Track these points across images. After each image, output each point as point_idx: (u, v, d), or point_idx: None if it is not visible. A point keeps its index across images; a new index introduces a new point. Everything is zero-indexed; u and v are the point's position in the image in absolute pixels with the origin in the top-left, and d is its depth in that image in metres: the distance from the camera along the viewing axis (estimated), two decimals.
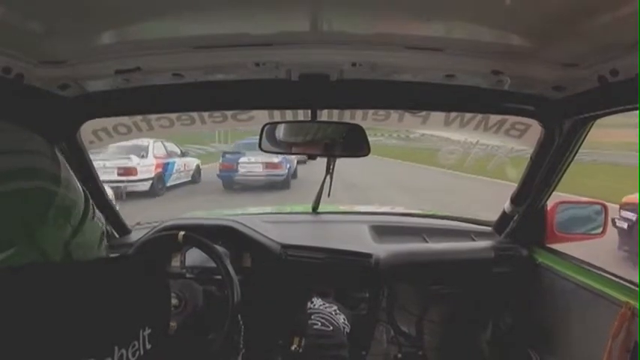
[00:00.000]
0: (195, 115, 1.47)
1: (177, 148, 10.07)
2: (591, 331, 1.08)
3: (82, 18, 0.71)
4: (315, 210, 1.74)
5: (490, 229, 1.52)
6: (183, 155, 10.20)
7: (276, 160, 9.09)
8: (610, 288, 1.04)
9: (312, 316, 1.01)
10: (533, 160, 1.26)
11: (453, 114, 1.41)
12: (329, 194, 1.65)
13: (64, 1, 0.66)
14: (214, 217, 1.51)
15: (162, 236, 1.18)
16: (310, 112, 1.09)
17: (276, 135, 1.11)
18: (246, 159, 9.03)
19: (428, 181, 10.87)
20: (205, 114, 1.49)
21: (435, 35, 0.83)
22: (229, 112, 1.51)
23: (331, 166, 1.60)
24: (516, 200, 1.36)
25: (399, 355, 1.50)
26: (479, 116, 1.40)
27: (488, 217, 1.60)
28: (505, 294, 1.44)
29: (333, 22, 0.82)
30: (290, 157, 9.39)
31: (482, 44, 0.85)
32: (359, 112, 1.45)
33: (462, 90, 1.05)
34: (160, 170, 8.93)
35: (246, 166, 9.14)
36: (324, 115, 1.24)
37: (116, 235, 1.45)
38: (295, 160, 10.40)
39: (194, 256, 1.25)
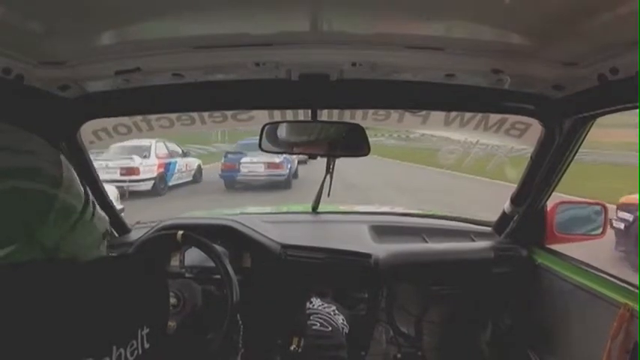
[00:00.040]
0: (195, 115, 1.47)
1: (178, 148, 10.10)
2: (590, 332, 1.07)
3: (82, 18, 0.71)
4: (315, 210, 1.73)
5: (490, 229, 1.52)
6: (184, 155, 10.23)
7: (278, 160, 9.11)
8: (609, 289, 1.04)
9: (311, 317, 1.01)
10: (533, 160, 1.26)
11: (452, 114, 1.41)
12: (329, 194, 1.65)
13: (64, 2, 0.66)
14: (214, 217, 1.50)
15: (161, 236, 1.17)
16: (310, 111, 1.09)
17: (277, 135, 1.11)
18: (248, 159, 9.05)
19: (427, 182, 10.86)
20: (205, 114, 1.49)
21: (435, 35, 0.83)
22: (229, 112, 1.51)
23: (331, 166, 1.60)
24: (516, 200, 1.36)
25: (398, 356, 1.50)
26: (479, 116, 1.40)
27: (487, 217, 1.60)
28: (504, 294, 1.44)
29: (333, 22, 0.82)
30: (291, 157, 9.43)
31: (482, 43, 0.85)
32: (359, 112, 1.45)
33: (462, 89, 1.05)
34: (162, 170, 8.97)
35: (248, 166, 9.17)
36: (324, 115, 1.24)
37: (116, 235, 1.45)
38: (296, 160, 10.41)
39: (193, 256, 1.25)
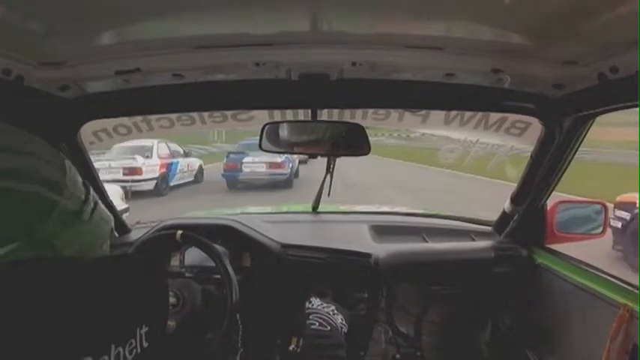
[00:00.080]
0: (196, 116, 1.48)
1: (180, 148, 10.14)
2: (590, 332, 1.07)
3: (82, 18, 0.71)
4: (315, 210, 1.73)
5: (490, 228, 1.52)
6: (186, 156, 10.28)
7: (280, 160, 9.14)
8: (608, 289, 1.04)
9: (310, 316, 1.01)
10: (533, 159, 1.26)
11: (452, 113, 1.41)
12: (329, 194, 1.65)
13: (64, 2, 0.66)
14: (214, 217, 1.50)
15: (161, 235, 1.17)
16: (310, 111, 1.09)
17: (277, 135, 1.11)
18: (250, 159, 9.08)
19: (427, 181, 10.86)
20: (205, 114, 1.49)
21: (435, 34, 0.83)
22: (229, 112, 1.51)
23: (331, 166, 1.60)
24: (516, 200, 1.36)
25: (397, 356, 1.49)
26: (479, 115, 1.40)
27: (487, 216, 1.60)
28: (504, 294, 1.44)
29: (333, 21, 0.82)
30: (292, 157, 9.46)
31: (482, 43, 0.85)
32: (359, 112, 1.45)
33: (462, 88, 1.04)
34: (164, 170, 9.00)
35: (250, 166, 9.21)
36: (324, 115, 1.24)
37: (116, 234, 1.46)
38: (297, 160, 10.43)
39: (193, 256, 1.25)
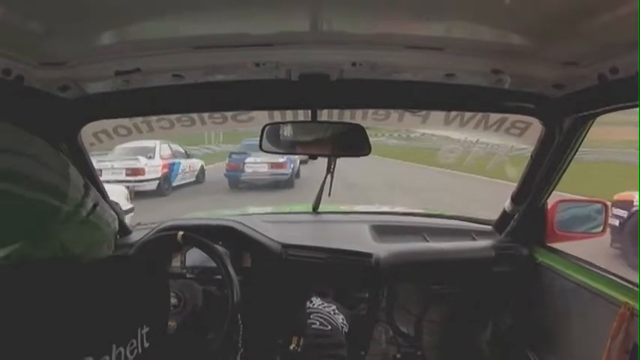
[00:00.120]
0: (196, 116, 1.47)
1: (182, 149, 10.20)
2: (591, 331, 1.07)
3: (82, 18, 0.71)
4: (316, 210, 1.73)
5: (490, 228, 1.52)
6: (188, 156, 10.35)
7: (281, 160, 9.20)
8: (609, 288, 1.04)
9: (311, 316, 1.01)
10: (533, 159, 1.26)
11: (453, 113, 1.41)
12: (329, 194, 1.65)
13: (64, 2, 0.66)
14: (215, 218, 1.50)
15: (162, 236, 1.17)
16: (310, 112, 1.09)
17: (277, 135, 1.11)
18: (252, 159, 9.15)
19: (427, 181, 10.86)
20: (205, 115, 1.48)
21: (435, 35, 0.83)
22: (229, 113, 1.51)
23: (332, 166, 1.60)
24: (517, 199, 1.36)
25: (397, 356, 1.50)
26: (479, 115, 1.39)
27: (487, 215, 1.60)
28: (505, 293, 1.44)
29: (333, 22, 0.82)
30: (293, 157, 9.48)
31: (482, 43, 0.85)
32: (359, 112, 1.45)
33: (462, 89, 1.04)
34: (167, 171, 9.08)
35: (253, 166, 9.28)
36: (324, 115, 1.24)
37: (117, 236, 1.45)
38: (298, 160, 10.46)
39: (194, 256, 1.25)
